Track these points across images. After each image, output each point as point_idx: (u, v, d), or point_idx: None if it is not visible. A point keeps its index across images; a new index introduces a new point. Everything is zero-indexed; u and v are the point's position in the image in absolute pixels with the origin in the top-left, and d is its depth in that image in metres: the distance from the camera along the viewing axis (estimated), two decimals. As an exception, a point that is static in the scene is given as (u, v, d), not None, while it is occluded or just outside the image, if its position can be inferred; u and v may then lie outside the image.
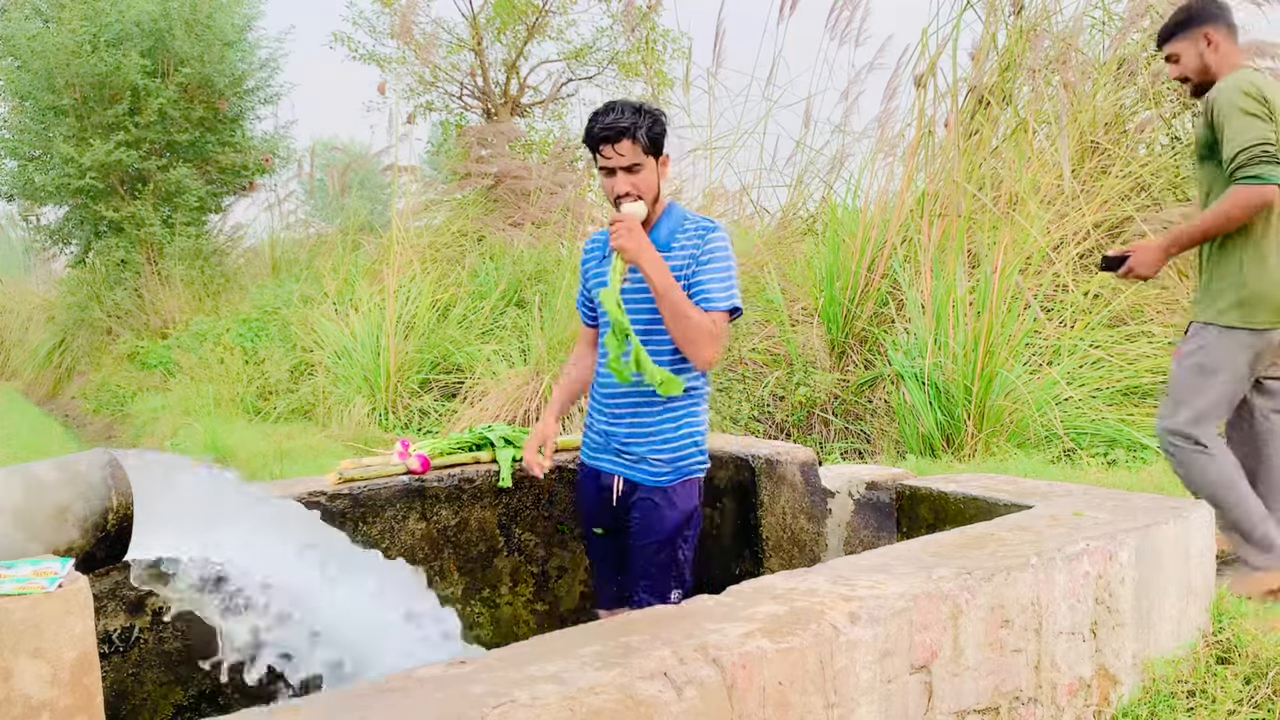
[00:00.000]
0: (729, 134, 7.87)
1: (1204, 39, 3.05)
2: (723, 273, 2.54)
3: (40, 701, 1.33)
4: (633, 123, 2.48)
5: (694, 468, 2.64)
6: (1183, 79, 3.14)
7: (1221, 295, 2.98)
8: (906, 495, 2.74)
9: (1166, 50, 3.15)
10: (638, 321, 2.55)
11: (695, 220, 2.63)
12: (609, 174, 2.54)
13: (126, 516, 1.69)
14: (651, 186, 2.56)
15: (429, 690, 1.38)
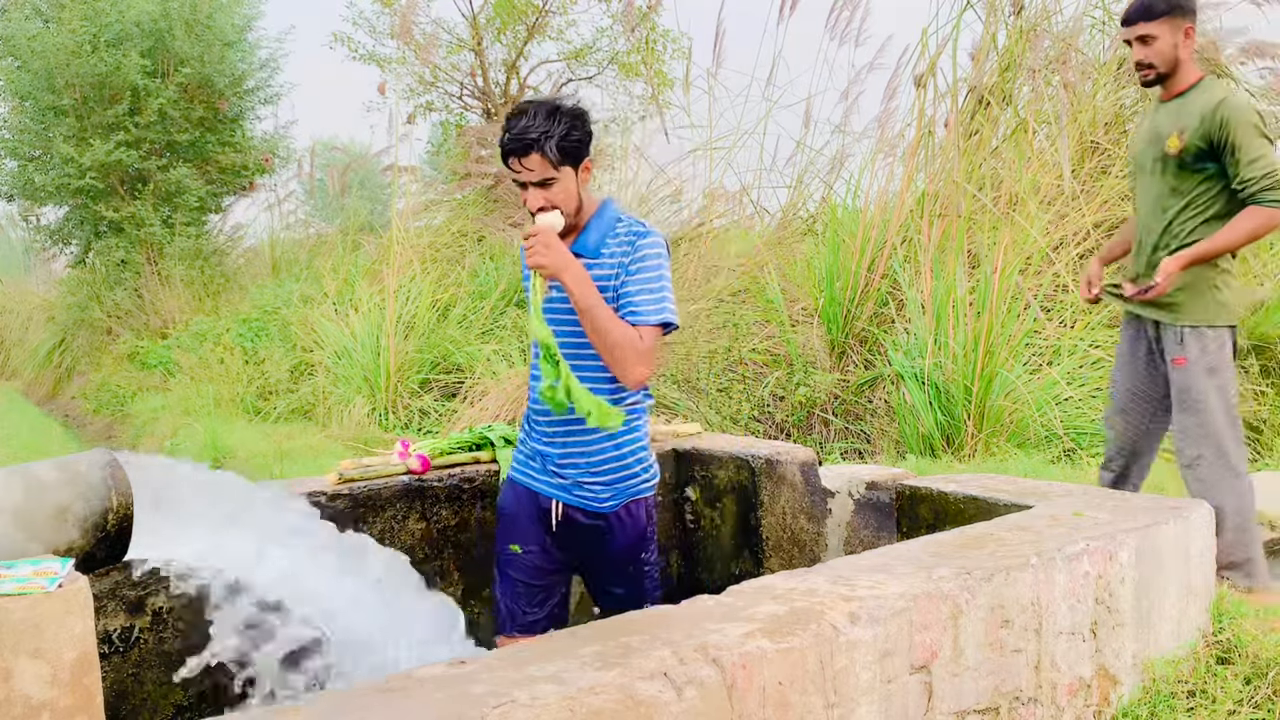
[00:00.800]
0: (729, 134, 7.86)
1: (1185, 31, 2.99)
2: (653, 283, 2.35)
3: (40, 701, 1.33)
4: (542, 133, 2.26)
5: (639, 488, 2.46)
6: (1148, 65, 3.02)
7: (1206, 297, 3.01)
8: (906, 495, 2.74)
9: (1145, 30, 3.00)
10: (566, 343, 2.36)
11: (628, 224, 2.42)
12: (521, 186, 2.36)
13: (126, 516, 1.69)
14: (569, 198, 2.35)
15: (429, 690, 1.38)
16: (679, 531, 3.41)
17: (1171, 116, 3.02)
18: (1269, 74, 6.73)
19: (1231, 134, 2.88)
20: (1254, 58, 6.65)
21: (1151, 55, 3.00)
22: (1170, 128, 3.01)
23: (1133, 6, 3.03)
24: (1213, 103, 2.93)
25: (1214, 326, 3.01)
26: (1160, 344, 3.13)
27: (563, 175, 2.32)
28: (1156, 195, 3.07)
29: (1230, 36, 6.67)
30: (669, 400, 5.91)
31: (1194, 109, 2.96)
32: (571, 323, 2.37)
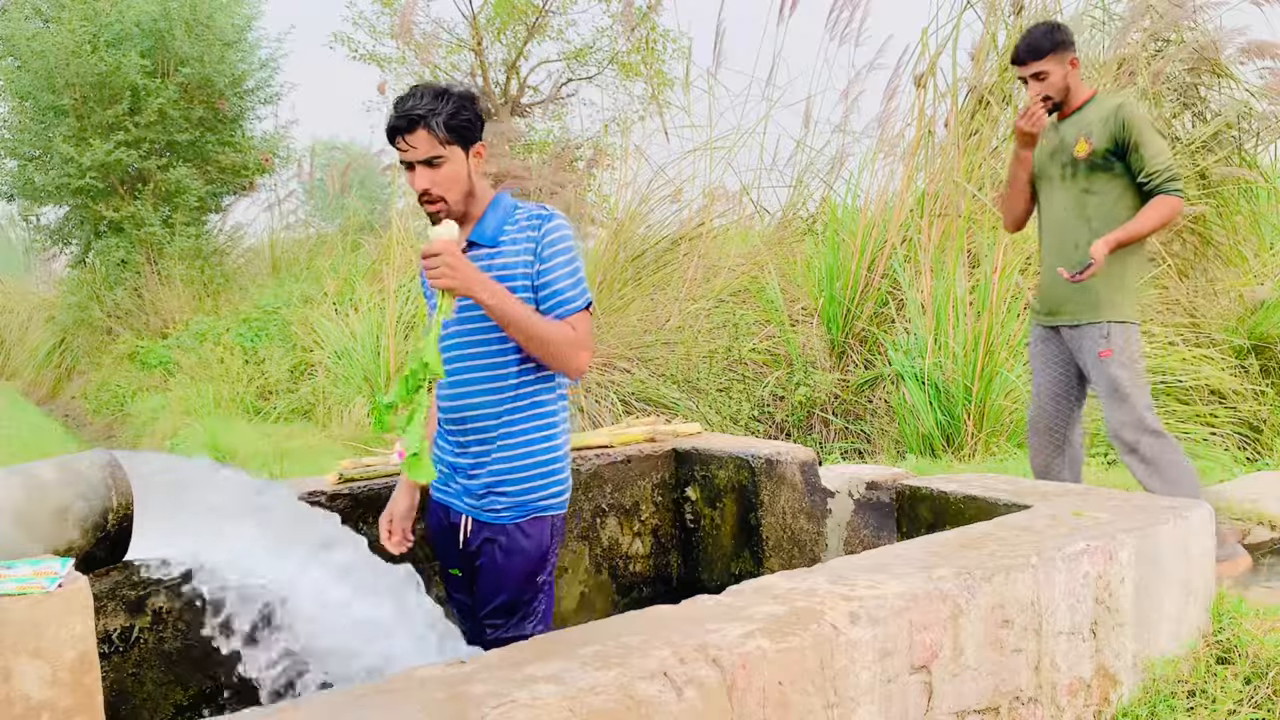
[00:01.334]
0: (729, 134, 7.86)
1: (1070, 62, 3.34)
2: (569, 266, 2.28)
3: (40, 701, 1.33)
4: (429, 110, 2.19)
5: (542, 503, 2.30)
6: (1045, 97, 3.34)
7: (1115, 295, 3.30)
8: (906, 495, 2.74)
9: (1037, 68, 3.32)
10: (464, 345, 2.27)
11: (527, 209, 2.34)
12: (408, 168, 2.26)
13: (126, 516, 1.69)
14: (457, 180, 2.26)
15: (429, 690, 1.38)
16: (679, 531, 3.41)
17: (1073, 127, 3.35)
18: (1269, 74, 6.73)
19: (1134, 133, 3.22)
20: (1254, 58, 6.65)
21: (1047, 89, 3.34)
22: (1075, 136, 3.33)
23: (1022, 48, 3.34)
24: (1113, 107, 3.27)
25: (1133, 322, 3.34)
26: (1077, 344, 3.39)
27: (451, 156, 2.23)
28: (1071, 199, 3.36)
29: (1230, 36, 6.67)
30: (669, 400, 5.91)
31: (1094, 117, 3.30)
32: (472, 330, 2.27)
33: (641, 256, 6.80)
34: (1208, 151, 6.60)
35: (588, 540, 3.23)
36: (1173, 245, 6.33)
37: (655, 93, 12.59)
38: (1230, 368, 5.60)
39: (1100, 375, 3.31)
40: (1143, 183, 3.26)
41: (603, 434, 3.38)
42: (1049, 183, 3.44)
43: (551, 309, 2.26)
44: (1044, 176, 3.46)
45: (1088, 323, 3.33)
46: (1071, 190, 3.37)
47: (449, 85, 2.27)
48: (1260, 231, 6.81)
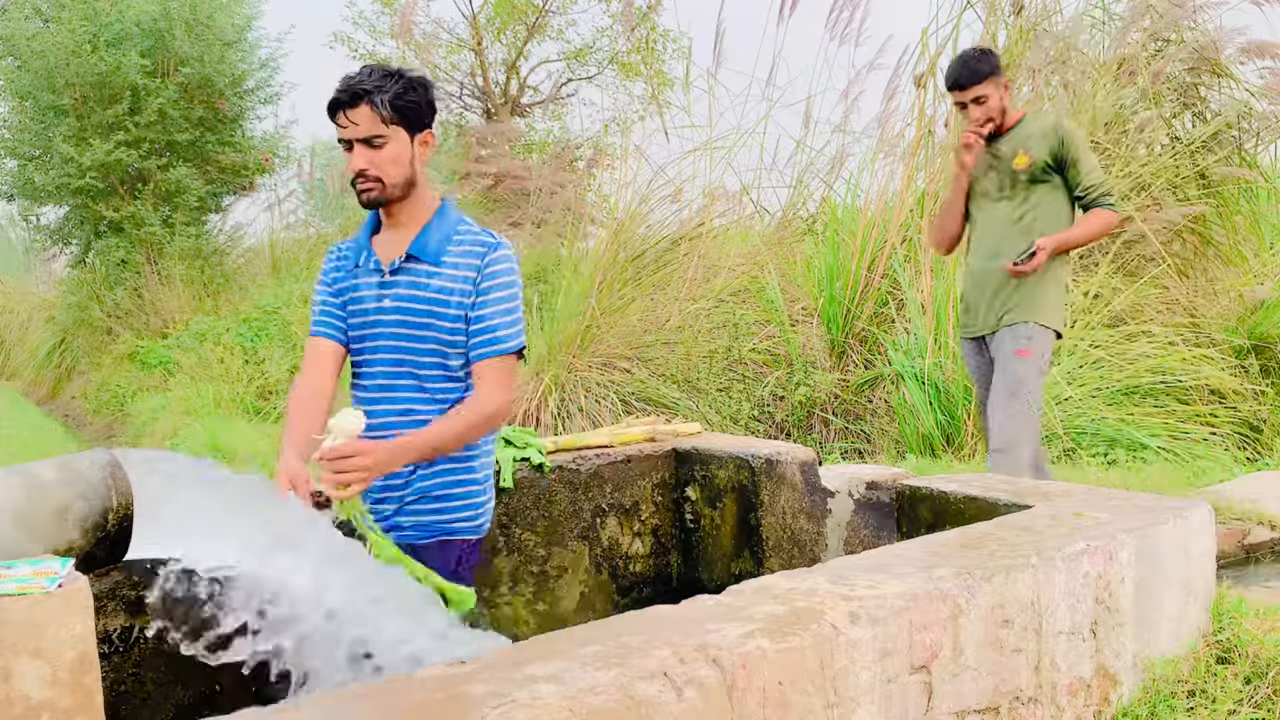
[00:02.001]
0: (729, 134, 7.86)
1: (1004, 85, 3.49)
2: (508, 303, 2.17)
3: (40, 701, 1.33)
4: (376, 86, 2.07)
5: (454, 526, 2.22)
6: (988, 120, 3.48)
7: (1045, 301, 3.43)
8: (906, 495, 2.74)
9: (976, 92, 3.45)
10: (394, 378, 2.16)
11: (473, 232, 2.21)
12: (346, 146, 2.13)
13: (126, 516, 1.69)
14: (398, 165, 2.12)
15: (429, 690, 1.38)
16: (679, 531, 3.41)
17: (1010, 144, 3.49)
18: (1269, 74, 6.72)
19: (1073, 150, 3.40)
20: (1254, 58, 6.64)
21: (988, 112, 3.47)
22: (1013, 150, 3.47)
23: (960, 75, 3.47)
24: (1050, 125, 3.46)
25: (1055, 331, 3.47)
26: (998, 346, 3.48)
27: (393, 137, 2.11)
28: (1010, 212, 3.49)
29: (1230, 36, 6.67)
30: (669, 400, 5.91)
31: (1031, 133, 3.46)
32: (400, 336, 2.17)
33: (641, 256, 6.79)
34: (1208, 151, 6.60)
35: (588, 540, 3.23)
36: (1173, 245, 6.33)
37: (655, 93, 12.60)
38: (1230, 368, 5.60)
39: (1007, 371, 3.41)
40: (1079, 196, 3.44)
41: (603, 434, 3.38)
42: (986, 198, 3.56)
43: (480, 345, 2.15)
44: (977, 194, 3.59)
45: (1012, 323, 3.44)
46: (1010, 203, 3.50)
47: (401, 68, 2.15)
48: (1260, 231, 6.81)
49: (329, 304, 2.29)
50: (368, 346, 2.25)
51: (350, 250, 2.30)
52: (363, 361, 2.27)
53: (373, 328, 2.22)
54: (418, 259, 2.19)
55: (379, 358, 2.23)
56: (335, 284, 2.29)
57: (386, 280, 2.20)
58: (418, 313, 2.18)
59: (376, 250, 2.25)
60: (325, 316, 2.30)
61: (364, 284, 2.23)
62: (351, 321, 2.26)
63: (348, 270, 2.27)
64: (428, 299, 2.17)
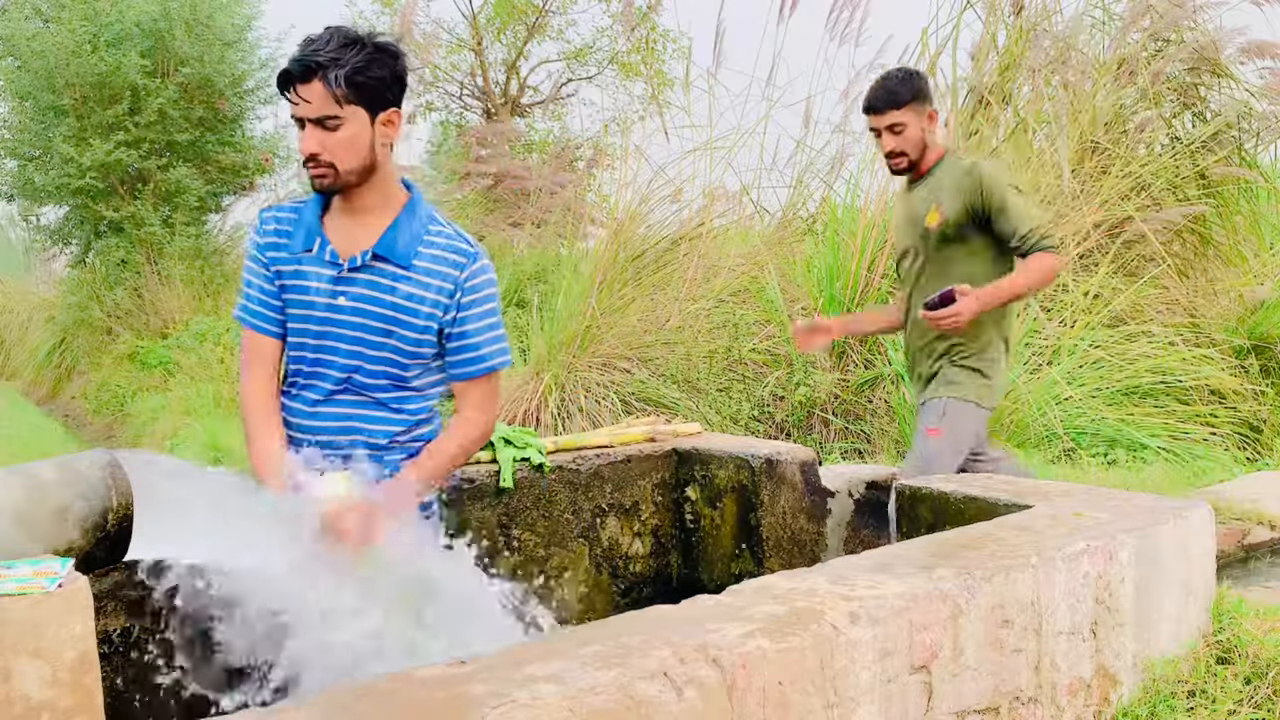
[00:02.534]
0: (729, 134, 7.86)
1: (928, 115, 2.99)
2: (492, 318, 2.02)
3: (40, 701, 1.33)
4: (332, 59, 1.81)
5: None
6: (899, 153, 2.99)
7: (976, 376, 3.01)
8: (906, 495, 2.74)
9: (891, 119, 2.95)
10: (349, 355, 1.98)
11: (448, 235, 2.02)
12: (299, 124, 1.89)
13: (126, 516, 1.69)
14: (353, 148, 1.89)
15: (429, 690, 1.38)
16: (679, 531, 3.41)
17: (925, 195, 3.01)
18: (1269, 74, 6.73)
19: (992, 198, 2.88)
20: (1254, 58, 6.65)
21: (902, 144, 2.97)
22: (926, 205, 2.99)
23: (877, 97, 2.96)
24: (963, 169, 2.92)
25: (980, 405, 3.02)
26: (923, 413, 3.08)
27: (350, 118, 1.86)
28: (933, 272, 3.01)
29: (1230, 36, 6.68)
30: (669, 400, 5.91)
31: (945, 183, 2.95)
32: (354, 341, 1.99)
33: (641, 256, 6.79)
34: (1208, 151, 6.61)
35: (588, 540, 3.23)
36: (1173, 245, 6.34)
37: (655, 93, 12.61)
38: (1230, 368, 5.60)
39: (916, 448, 3.06)
40: (1015, 247, 2.92)
41: (603, 434, 3.38)
42: (906, 257, 3.13)
43: (465, 364, 2.03)
44: (902, 250, 3.14)
45: (931, 397, 3.05)
46: (925, 266, 3.04)
47: (366, 35, 1.88)
48: (1260, 231, 6.81)
49: (267, 291, 2.03)
50: (310, 346, 2.02)
51: (292, 226, 2.01)
52: (302, 360, 2.03)
53: (320, 325, 1.99)
54: (385, 259, 1.97)
55: (324, 359, 2.01)
56: (273, 265, 2.01)
57: (344, 277, 1.97)
58: (380, 318, 1.98)
59: (331, 237, 1.99)
60: (264, 309, 2.04)
61: (312, 275, 1.98)
62: (290, 313, 2.01)
63: (291, 253, 2.00)
64: (392, 304, 1.98)
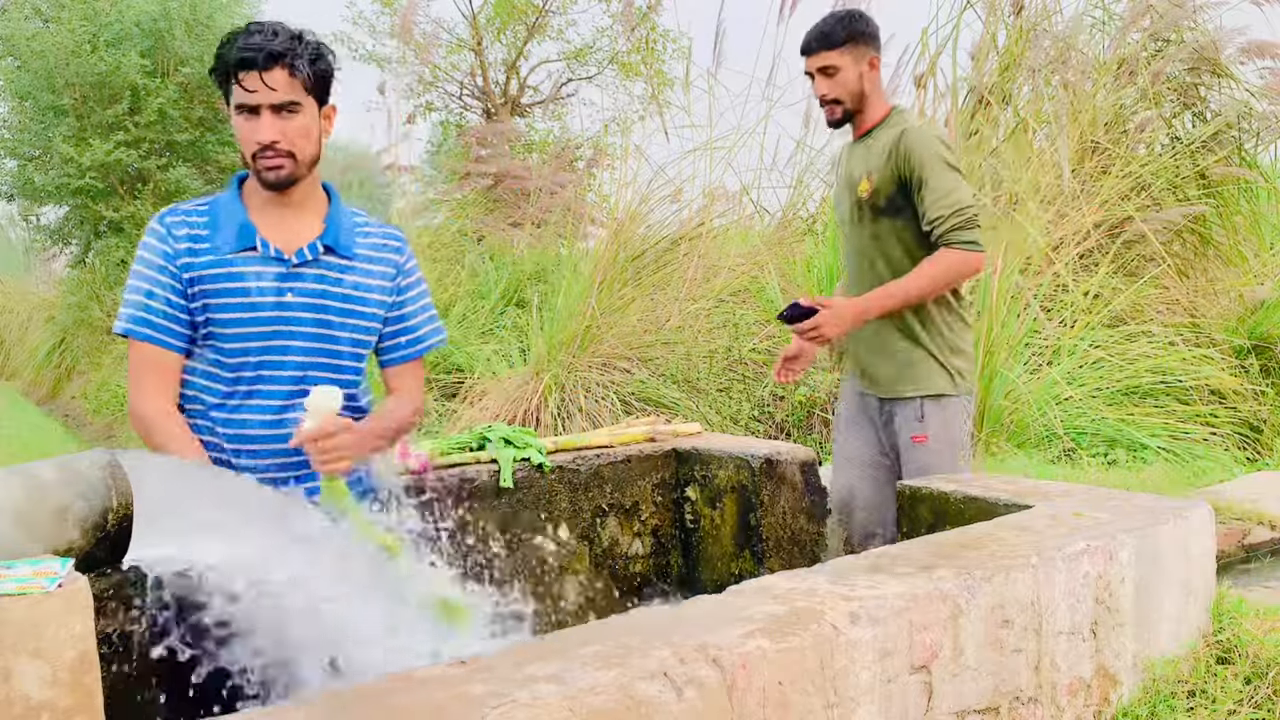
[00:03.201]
0: (729, 134, 7.87)
1: (869, 62, 2.70)
2: (426, 298, 2.07)
3: (40, 701, 1.33)
4: (289, 48, 1.83)
5: None
6: (833, 100, 2.69)
7: (935, 363, 2.71)
8: (906, 495, 2.74)
9: (824, 60, 2.65)
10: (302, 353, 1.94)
11: (377, 225, 2.06)
12: (249, 113, 1.84)
13: (126, 516, 1.69)
14: (309, 140, 1.91)
15: (429, 690, 1.38)
16: (679, 531, 3.41)
17: (861, 158, 2.73)
18: (1269, 74, 6.73)
19: (918, 168, 2.56)
20: (1254, 58, 6.65)
21: (835, 89, 2.67)
22: (861, 171, 2.71)
23: (810, 35, 2.70)
24: (895, 136, 2.62)
25: (954, 396, 2.72)
26: (885, 417, 2.80)
27: (307, 109, 1.89)
28: (860, 247, 2.73)
29: (1230, 36, 6.68)
30: (669, 400, 5.91)
31: (880, 146, 2.66)
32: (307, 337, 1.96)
33: (641, 256, 6.79)
34: (1208, 151, 6.61)
35: (588, 540, 3.23)
36: (1173, 245, 6.34)
37: (655, 93, 12.61)
38: (1230, 368, 5.60)
39: (910, 463, 2.73)
40: (928, 230, 2.57)
41: (603, 434, 3.38)
42: (844, 223, 2.82)
43: (405, 347, 2.06)
44: (840, 215, 2.85)
45: (899, 395, 2.74)
46: (861, 235, 2.73)
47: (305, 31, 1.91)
48: (1260, 231, 6.82)
49: (174, 303, 1.91)
50: (255, 350, 1.93)
51: (209, 227, 1.93)
52: (243, 368, 1.94)
53: (267, 325, 1.93)
54: (334, 252, 1.97)
55: (273, 360, 1.95)
56: (188, 272, 1.90)
57: (291, 272, 1.93)
58: (333, 311, 1.98)
59: (266, 234, 1.94)
60: (170, 321, 1.92)
61: (251, 274, 1.91)
62: (222, 317, 1.91)
63: (217, 255, 1.91)
64: (343, 295, 1.98)
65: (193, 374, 1.96)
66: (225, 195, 1.98)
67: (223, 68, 1.86)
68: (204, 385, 1.96)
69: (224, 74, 1.87)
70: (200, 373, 1.96)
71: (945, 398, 2.72)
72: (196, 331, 1.93)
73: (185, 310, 1.91)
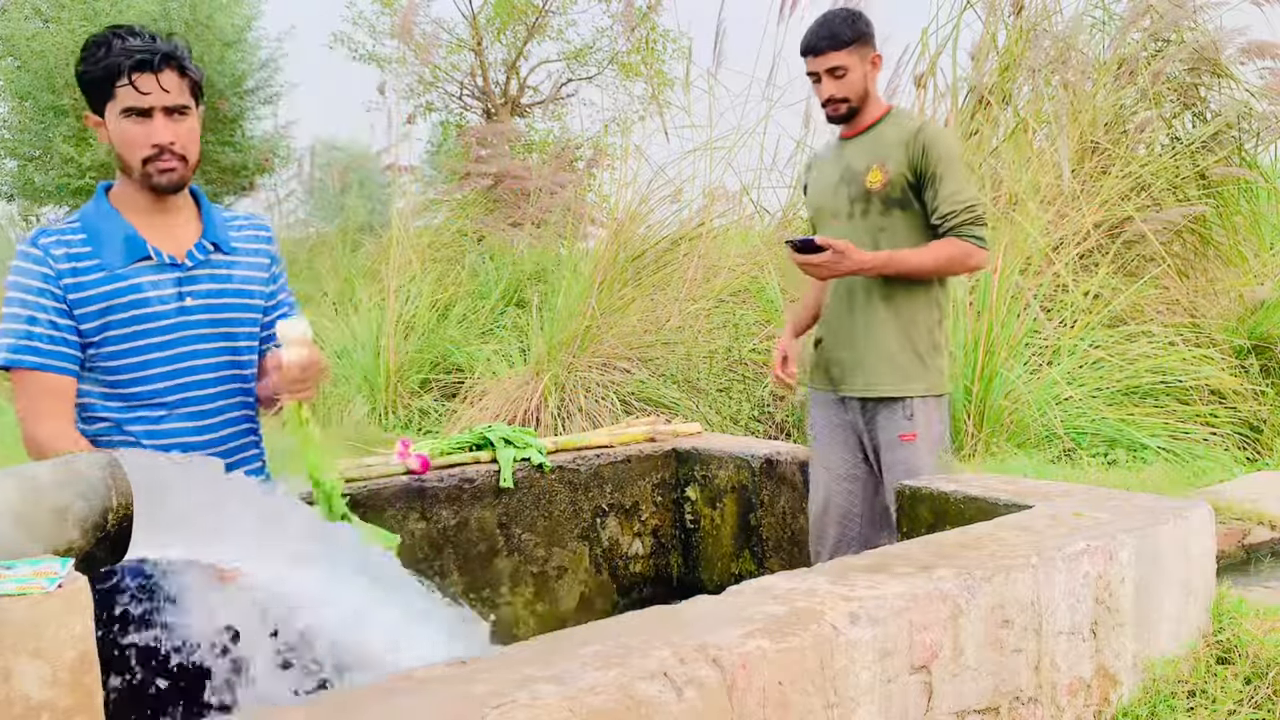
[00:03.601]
0: (729, 134, 7.87)
1: (872, 60, 2.74)
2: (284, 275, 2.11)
3: (40, 701, 1.33)
4: (176, 49, 1.82)
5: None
6: (841, 99, 2.72)
7: (922, 363, 2.73)
8: (906, 495, 2.74)
9: (835, 61, 2.68)
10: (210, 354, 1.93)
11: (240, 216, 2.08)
12: (140, 116, 1.80)
13: (126, 516, 1.69)
14: (196, 143, 1.88)
15: (429, 690, 1.38)
16: (679, 531, 3.41)
17: (865, 151, 2.74)
18: (1269, 74, 6.73)
19: (935, 163, 2.63)
20: (1254, 58, 6.65)
21: (843, 89, 2.71)
22: (867, 163, 2.72)
23: (818, 36, 2.71)
24: (912, 130, 2.68)
25: (940, 395, 2.76)
26: (869, 418, 2.79)
27: (193, 112, 1.87)
28: (857, 240, 2.69)
29: (1230, 36, 6.68)
30: (669, 400, 5.91)
31: (891, 140, 2.70)
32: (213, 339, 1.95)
33: (641, 256, 6.80)
34: (1208, 151, 6.61)
35: (588, 540, 3.23)
36: (1173, 245, 6.34)
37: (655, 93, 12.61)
38: (1230, 368, 5.60)
39: (895, 465, 2.72)
40: (936, 224, 2.65)
41: (603, 434, 3.38)
42: (836, 218, 2.80)
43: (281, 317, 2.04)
44: (827, 212, 2.83)
45: (883, 395, 2.73)
46: (860, 229, 2.73)
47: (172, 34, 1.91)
48: (1260, 231, 6.82)
49: (62, 326, 1.83)
50: (159, 361, 1.90)
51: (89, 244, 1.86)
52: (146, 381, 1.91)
53: (172, 334, 1.91)
54: (218, 248, 1.97)
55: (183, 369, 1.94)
56: (72, 293, 1.83)
57: (187, 276, 1.91)
58: (230, 308, 1.98)
59: (153, 242, 1.91)
60: (61, 345, 1.84)
61: (149, 284, 1.88)
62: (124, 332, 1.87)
63: (108, 270, 1.85)
64: (235, 291, 1.98)
65: (89, 395, 1.90)
66: (93, 208, 1.92)
67: (111, 69, 1.79)
68: (107, 404, 1.91)
69: (110, 76, 1.80)
70: (99, 394, 1.90)
71: (932, 397, 2.75)
72: (86, 352, 1.87)
73: (74, 331, 1.84)
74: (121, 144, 1.84)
